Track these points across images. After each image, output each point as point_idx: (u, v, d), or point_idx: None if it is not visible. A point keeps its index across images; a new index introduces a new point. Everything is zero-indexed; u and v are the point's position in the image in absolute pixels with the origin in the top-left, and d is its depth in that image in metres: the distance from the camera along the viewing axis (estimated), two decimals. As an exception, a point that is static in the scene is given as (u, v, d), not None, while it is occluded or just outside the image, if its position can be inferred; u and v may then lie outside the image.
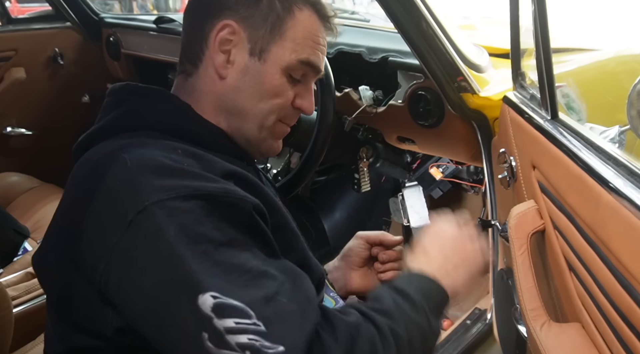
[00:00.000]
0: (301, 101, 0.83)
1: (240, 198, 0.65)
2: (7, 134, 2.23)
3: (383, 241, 0.98)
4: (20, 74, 2.16)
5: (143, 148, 0.68)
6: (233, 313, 0.57)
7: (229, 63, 0.79)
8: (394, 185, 2.10)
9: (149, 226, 0.60)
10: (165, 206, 0.60)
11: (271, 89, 0.79)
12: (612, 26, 1.74)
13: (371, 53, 1.46)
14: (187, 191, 0.62)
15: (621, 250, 0.59)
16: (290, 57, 0.79)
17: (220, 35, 0.78)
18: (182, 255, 0.58)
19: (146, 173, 0.63)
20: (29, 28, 2.22)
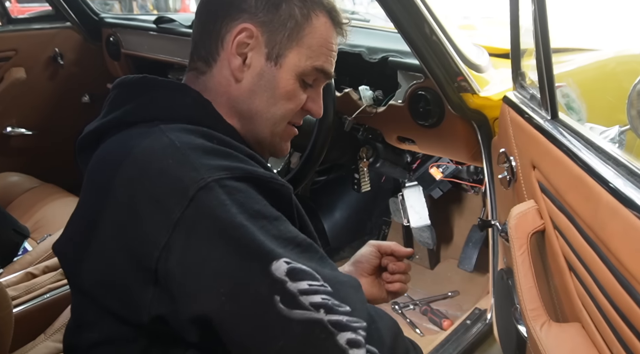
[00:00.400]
0: (312, 105, 0.85)
1: (282, 184, 0.69)
2: (7, 134, 2.23)
3: (394, 252, 0.98)
4: (20, 74, 2.16)
5: (184, 131, 0.69)
6: (306, 276, 0.61)
7: (245, 67, 0.80)
8: (394, 185, 2.10)
9: (212, 200, 0.61)
10: (224, 184, 0.63)
11: (285, 94, 0.81)
12: (612, 26, 1.74)
13: (371, 53, 1.46)
14: (241, 172, 0.65)
15: (621, 250, 0.59)
16: (305, 64, 0.81)
17: (238, 38, 0.78)
18: (249, 227, 0.61)
19: (199, 153, 0.65)
20: (29, 28, 2.22)
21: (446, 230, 2.09)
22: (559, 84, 1.03)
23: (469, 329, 1.45)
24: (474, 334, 1.43)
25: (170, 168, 0.64)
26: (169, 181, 0.63)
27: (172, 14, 2.10)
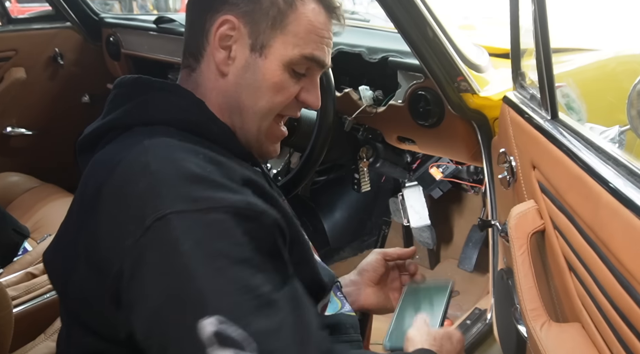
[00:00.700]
0: (306, 95, 0.81)
1: (261, 212, 0.64)
2: (7, 134, 2.23)
3: (401, 255, 0.98)
4: (20, 74, 2.16)
5: (166, 149, 0.67)
6: (235, 343, 0.54)
7: (230, 60, 0.77)
8: (394, 185, 2.10)
9: (166, 235, 0.58)
10: (186, 217, 0.59)
11: (272, 86, 0.77)
12: (612, 26, 1.74)
13: (371, 53, 1.46)
14: (209, 203, 0.61)
15: (621, 250, 0.59)
16: (292, 52, 0.76)
17: (220, 31, 0.76)
18: (195, 271, 0.57)
19: (169, 179, 0.62)
20: (29, 28, 2.22)
21: (446, 230, 2.09)
22: (559, 84, 1.03)
23: (469, 329, 1.45)
24: (474, 334, 1.43)
25: (137, 193, 0.62)
26: (132, 207, 0.61)
27: (172, 14, 2.10)
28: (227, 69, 0.77)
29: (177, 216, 0.59)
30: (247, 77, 0.77)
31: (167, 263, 0.58)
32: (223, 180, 0.64)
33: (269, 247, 0.64)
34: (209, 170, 0.65)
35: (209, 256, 0.58)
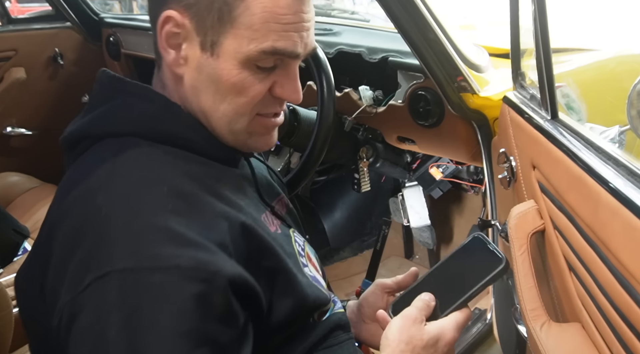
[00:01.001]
0: (282, 90, 0.71)
1: (214, 273, 0.58)
2: (7, 134, 2.23)
3: (400, 285, 0.86)
4: (20, 74, 2.16)
5: (124, 186, 0.62)
6: None
7: (181, 60, 0.68)
8: (394, 185, 2.10)
9: (102, 297, 0.55)
10: (127, 277, 0.55)
11: (231, 88, 0.68)
12: (612, 26, 1.74)
13: (371, 53, 1.46)
14: (155, 262, 0.56)
15: (621, 250, 0.59)
16: (248, 48, 0.65)
17: (165, 29, 0.67)
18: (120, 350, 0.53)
19: (118, 231, 0.58)
20: (29, 28, 2.21)
21: (446, 230, 2.09)
22: (559, 84, 1.03)
23: (469, 329, 1.45)
24: (474, 334, 1.44)
25: (86, 245, 0.58)
26: (78, 259, 0.58)
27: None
28: (181, 71, 0.69)
29: (118, 276, 0.55)
30: (202, 79, 0.69)
31: (96, 332, 0.55)
32: (179, 228, 0.59)
33: (220, 312, 0.58)
34: (171, 205, 0.60)
35: (142, 330, 0.54)
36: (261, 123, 0.73)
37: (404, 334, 0.69)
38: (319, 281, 0.80)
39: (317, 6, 2.25)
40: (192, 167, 0.69)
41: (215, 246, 0.60)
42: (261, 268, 0.67)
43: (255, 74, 0.68)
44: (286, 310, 0.69)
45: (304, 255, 0.81)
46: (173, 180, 0.64)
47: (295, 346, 0.73)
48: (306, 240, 0.87)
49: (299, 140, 1.36)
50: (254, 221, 0.70)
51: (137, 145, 0.67)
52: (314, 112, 1.33)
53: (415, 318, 0.70)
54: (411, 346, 0.68)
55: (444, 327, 0.71)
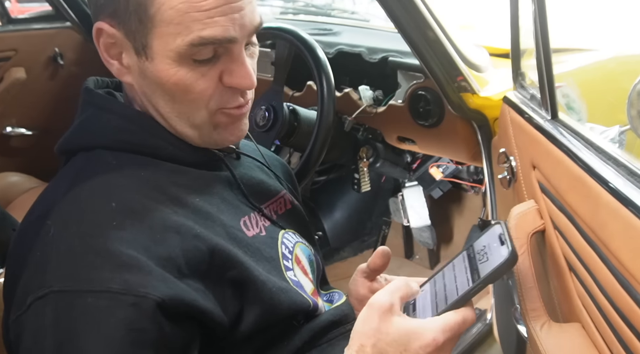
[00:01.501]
0: (230, 78, 0.67)
1: (142, 296, 0.57)
2: (7, 134, 2.22)
3: (376, 264, 0.79)
4: (20, 74, 2.16)
5: (73, 204, 0.63)
6: None
7: (125, 69, 0.69)
8: (394, 185, 2.10)
9: (40, 319, 0.57)
10: (63, 299, 0.56)
11: (174, 88, 0.66)
12: (612, 26, 1.74)
13: (371, 53, 1.46)
14: (89, 285, 0.57)
15: (621, 250, 0.59)
16: (176, 44, 0.63)
17: (101, 41, 0.67)
18: None
19: (60, 252, 0.59)
20: (29, 28, 2.21)
21: (446, 230, 2.09)
22: (559, 84, 1.03)
23: (469, 329, 1.45)
24: (474, 334, 1.44)
25: (33, 264, 0.61)
26: (25, 279, 0.60)
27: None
28: (129, 79, 0.69)
29: (55, 297, 0.57)
30: (148, 84, 0.68)
31: (29, 350, 0.57)
32: (118, 247, 0.59)
33: (150, 337, 0.57)
34: (113, 225, 0.60)
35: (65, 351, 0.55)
36: (225, 113, 0.70)
37: (366, 325, 0.59)
38: (301, 286, 0.76)
39: (317, 6, 2.25)
40: (157, 176, 0.68)
41: (154, 264, 0.59)
42: (225, 278, 0.66)
43: (195, 69, 0.65)
44: (255, 318, 0.67)
45: (290, 258, 0.79)
46: (125, 195, 0.64)
47: (277, 351, 0.71)
48: (301, 242, 0.85)
49: (299, 140, 1.36)
50: (223, 228, 0.69)
51: (100, 160, 0.68)
52: (314, 112, 1.33)
53: (382, 306, 0.59)
54: (373, 339, 0.58)
55: (423, 326, 0.58)
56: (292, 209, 0.87)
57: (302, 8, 2.29)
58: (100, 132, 0.71)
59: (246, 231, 0.73)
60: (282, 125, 1.31)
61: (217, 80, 0.67)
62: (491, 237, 0.64)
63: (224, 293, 0.65)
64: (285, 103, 1.35)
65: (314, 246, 0.90)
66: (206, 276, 0.64)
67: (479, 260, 0.63)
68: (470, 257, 0.65)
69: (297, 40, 1.28)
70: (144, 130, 0.71)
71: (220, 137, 0.72)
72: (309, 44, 1.27)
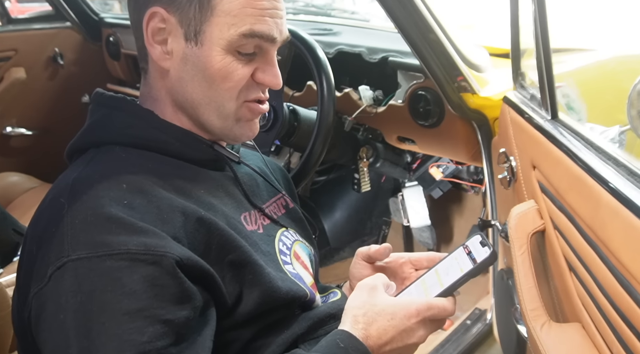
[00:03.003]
0: (262, 75, 0.75)
1: (161, 255, 0.60)
2: (7, 134, 2.23)
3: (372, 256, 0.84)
4: (20, 74, 2.16)
5: (87, 185, 0.66)
6: None
7: (167, 54, 0.73)
8: (394, 185, 2.10)
9: (62, 286, 0.59)
10: (82, 265, 0.59)
11: (216, 73, 0.72)
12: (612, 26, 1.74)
13: (371, 53, 1.46)
14: (106, 249, 0.59)
15: (621, 250, 0.59)
16: (229, 33, 0.70)
17: (150, 25, 0.71)
18: (79, 328, 0.57)
19: (76, 223, 0.62)
20: (29, 28, 2.21)
21: (446, 230, 2.09)
22: (559, 84, 1.03)
23: (469, 329, 1.45)
24: (474, 334, 1.44)
25: (49, 238, 0.63)
26: (42, 254, 0.63)
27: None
28: (167, 65, 0.73)
29: (73, 264, 0.59)
30: (188, 69, 0.73)
31: (60, 319, 0.58)
32: (131, 218, 0.62)
33: (171, 292, 0.60)
34: (125, 203, 0.63)
35: (95, 313, 0.57)
36: (249, 107, 0.76)
37: (356, 300, 0.69)
38: (300, 278, 0.80)
39: (317, 6, 2.25)
40: (163, 168, 0.72)
41: (166, 235, 0.63)
42: (225, 261, 0.69)
43: (237, 60, 0.72)
44: (254, 301, 0.70)
45: (288, 254, 0.82)
46: (134, 178, 0.68)
47: (274, 338, 0.74)
48: (301, 241, 0.87)
49: (299, 140, 1.36)
50: (224, 218, 0.72)
51: (110, 152, 0.72)
52: (314, 112, 1.33)
53: (368, 284, 0.70)
54: (364, 309, 0.67)
55: (409, 300, 0.68)
56: (290, 211, 0.90)
57: (302, 8, 2.29)
58: (109, 128, 0.75)
59: (245, 225, 0.77)
60: (282, 125, 1.31)
61: (250, 75, 0.74)
62: (473, 243, 0.74)
63: (224, 276, 0.69)
64: (285, 103, 1.35)
65: (313, 247, 0.92)
66: (206, 256, 0.67)
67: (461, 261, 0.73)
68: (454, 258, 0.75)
69: (297, 40, 1.28)
70: (152, 126, 0.75)
71: (239, 131, 0.77)
72: (309, 44, 1.26)
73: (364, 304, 0.68)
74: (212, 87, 0.73)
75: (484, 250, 0.71)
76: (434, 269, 0.76)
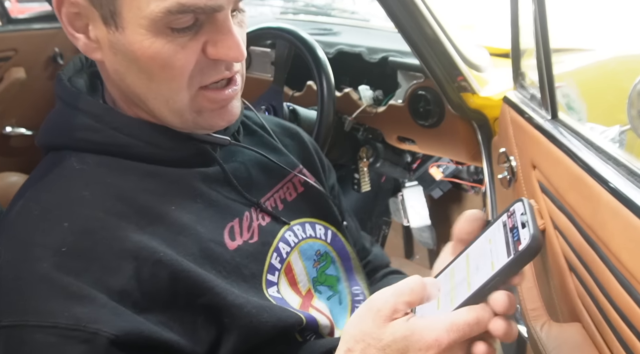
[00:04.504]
0: (215, 50, 0.57)
1: (94, 332, 0.51)
2: (7, 134, 2.23)
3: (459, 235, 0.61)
4: (20, 74, 2.16)
5: (26, 224, 0.58)
6: None
7: (94, 43, 0.59)
8: (394, 185, 2.10)
9: None
10: (12, 335, 0.52)
11: (150, 63, 0.56)
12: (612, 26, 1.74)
13: (371, 53, 1.46)
14: (36, 320, 0.52)
15: (621, 250, 0.59)
16: (149, 10, 0.53)
17: (63, 12, 0.58)
18: None
19: (8, 280, 0.54)
20: (29, 28, 2.21)
21: (446, 230, 2.08)
22: (559, 84, 1.03)
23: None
24: (474, 334, 1.43)
25: None
26: None
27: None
28: (99, 56, 0.60)
29: (5, 332, 0.52)
30: (119, 60, 0.58)
31: None
32: (67, 277, 0.53)
33: None
34: (64, 250, 0.55)
35: None
36: (208, 97, 0.61)
37: (357, 327, 0.50)
38: (285, 302, 0.68)
39: (317, 6, 2.25)
40: (126, 183, 0.61)
41: (107, 297, 0.54)
42: (197, 304, 0.59)
43: (173, 40, 0.56)
44: (234, 344, 0.61)
45: (279, 269, 0.70)
46: (80, 212, 0.58)
47: None
48: (309, 238, 0.75)
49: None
50: (197, 245, 0.61)
51: (65, 165, 0.62)
52: (314, 112, 1.33)
53: (381, 309, 0.49)
54: (362, 344, 0.49)
55: (425, 326, 0.48)
56: (305, 192, 0.77)
57: (302, 8, 2.28)
58: (65, 131, 0.64)
59: (228, 244, 0.65)
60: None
61: (200, 52, 0.58)
62: (513, 218, 0.52)
63: (194, 322, 0.59)
64: (285, 103, 1.35)
65: (338, 227, 0.80)
66: (170, 306, 0.58)
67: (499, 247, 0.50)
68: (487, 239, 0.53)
69: (297, 40, 1.28)
70: (111, 126, 0.62)
71: (207, 122, 0.63)
72: (309, 44, 1.27)
73: (364, 336, 0.49)
74: (152, 79, 0.58)
75: (524, 231, 0.48)
76: (465, 253, 0.55)
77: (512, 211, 0.52)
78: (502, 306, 0.48)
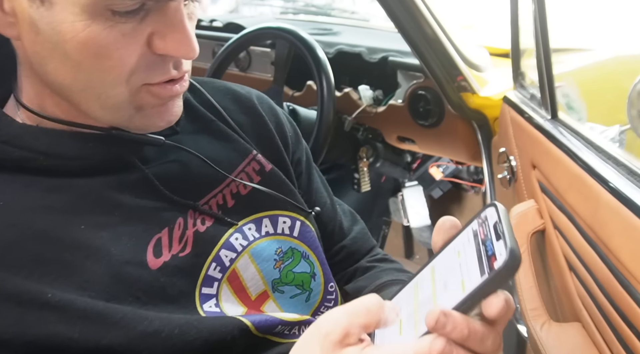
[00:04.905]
0: (162, 43, 0.48)
1: None
2: None
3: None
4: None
5: None
6: None
7: (10, 17, 0.48)
8: (394, 185, 2.10)
9: None
10: None
11: (81, 49, 0.46)
12: (612, 26, 1.74)
13: (371, 53, 1.46)
14: None
15: (621, 249, 0.59)
16: None
17: None
18: None
19: None
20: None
21: (446, 230, 2.08)
22: (559, 84, 1.03)
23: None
24: (474, 334, 1.43)
25: None
26: None
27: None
28: (14, 33, 0.49)
29: None
30: (41, 41, 0.47)
31: None
32: None
33: None
34: None
35: None
36: (153, 92, 0.51)
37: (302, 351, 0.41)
38: (223, 314, 0.59)
39: (317, 6, 2.25)
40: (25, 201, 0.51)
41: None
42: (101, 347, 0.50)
43: (114, 25, 0.46)
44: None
45: (219, 279, 0.59)
46: None
47: None
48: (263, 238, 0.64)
49: (299, 140, 1.36)
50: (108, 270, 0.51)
51: None
52: (314, 112, 1.33)
53: (330, 334, 0.39)
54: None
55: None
56: (263, 181, 0.66)
57: (302, 8, 2.29)
58: None
59: (151, 262, 0.54)
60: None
61: (144, 44, 0.48)
62: (485, 226, 0.43)
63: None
64: (285, 103, 1.36)
65: (306, 216, 0.69)
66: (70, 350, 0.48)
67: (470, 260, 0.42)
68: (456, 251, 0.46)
69: (297, 40, 1.28)
70: (1, 140, 0.51)
71: (143, 122, 0.53)
72: (309, 43, 1.26)
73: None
74: (80, 69, 0.47)
75: (499, 245, 0.39)
76: (430, 265, 0.47)
77: (484, 218, 0.44)
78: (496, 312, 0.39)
